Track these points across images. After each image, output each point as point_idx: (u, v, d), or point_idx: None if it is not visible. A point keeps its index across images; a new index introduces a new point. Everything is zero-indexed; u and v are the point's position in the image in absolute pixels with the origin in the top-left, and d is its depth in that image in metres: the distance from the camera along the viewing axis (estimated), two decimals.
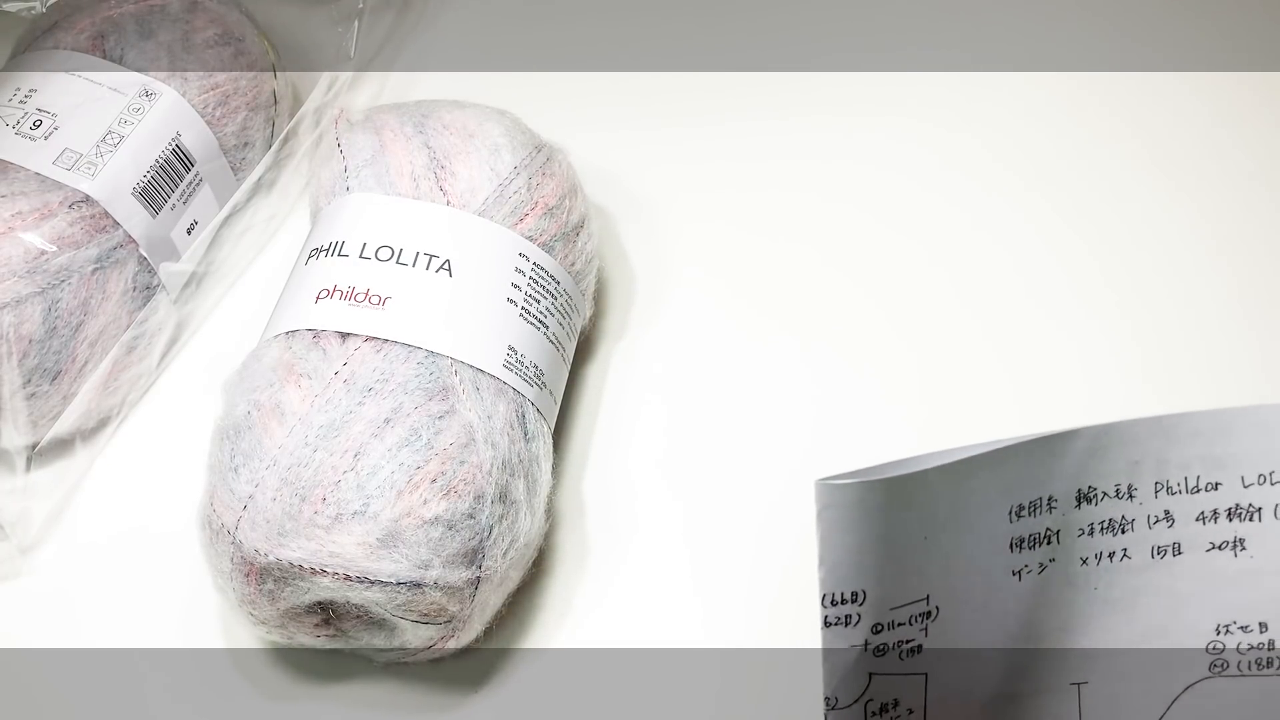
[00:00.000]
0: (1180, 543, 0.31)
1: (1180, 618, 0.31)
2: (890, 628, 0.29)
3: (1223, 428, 0.30)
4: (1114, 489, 0.30)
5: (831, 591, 0.29)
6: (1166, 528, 0.30)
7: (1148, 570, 0.31)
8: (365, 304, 0.39)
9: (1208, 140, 0.51)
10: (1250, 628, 0.31)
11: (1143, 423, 0.29)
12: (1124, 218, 0.49)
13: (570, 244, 0.43)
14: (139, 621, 0.41)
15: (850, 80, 0.54)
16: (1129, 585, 0.31)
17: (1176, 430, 0.30)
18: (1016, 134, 0.52)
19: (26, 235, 0.42)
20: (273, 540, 0.35)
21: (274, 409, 0.37)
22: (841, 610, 0.29)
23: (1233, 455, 0.30)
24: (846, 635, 0.29)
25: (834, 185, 0.51)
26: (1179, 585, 0.31)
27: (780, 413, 0.45)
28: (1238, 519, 0.30)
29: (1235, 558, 0.31)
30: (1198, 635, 0.31)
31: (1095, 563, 0.31)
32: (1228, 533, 0.30)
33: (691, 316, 0.47)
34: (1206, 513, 0.30)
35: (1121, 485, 0.30)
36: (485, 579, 0.37)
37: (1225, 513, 0.30)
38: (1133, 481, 0.30)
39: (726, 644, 0.40)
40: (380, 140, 0.43)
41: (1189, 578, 0.31)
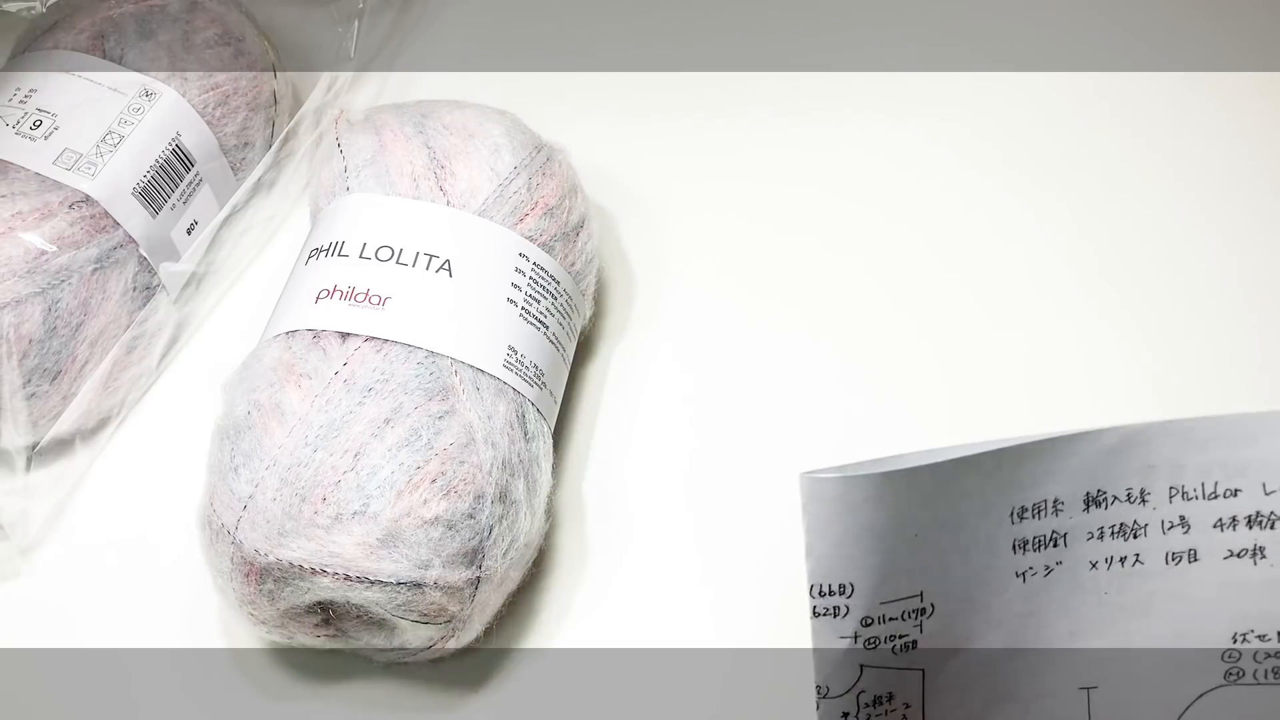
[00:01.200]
0: (1196, 549, 0.30)
1: (1196, 625, 0.31)
2: (881, 621, 0.29)
3: (1244, 433, 0.29)
4: (1125, 493, 0.30)
5: (819, 583, 0.29)
6: (1182, 534, 0.30)
7: (1161, 576, 0.31)
8: (365, 304, 0.39)
9: (1219, 142, 0.51)
10: (1269, 637, 0.31)
11: (1158, 426, 0.29)
12: (1134, 219, 0.49)
13: (570, 244, 0.43)
14: (139, 622, 0.41)
15: (850, 80, 0.54)
16: (1141, 591, 0.31)
17: (1194, 435, 0.29)
18: (1014, 131, 0.52)
19: (26, 235, 0.42)
20: (273, 540, 0.35)
21: (274, 409, 0.37)
22: (829, 601, 0.29)
23: (1254, 461, 0.29)
24: (835, 627, 0.29)
25: (834, 184, 0.51)
26: (1194, 592, 0.31)
27: (781, 411, 0.45)
28: (1258, 526, 0.30)
29: (1255, 566, 0.30)
30: (1213, 642, 0.31)
31: (1105, 567, 0.30)
32: (1247, 540, 0.30)
33: (691, 316, 0.47)
34: (1225, 520, 0.30)
35: (1134, 489, 0.30)
36: (485, 579, 0.37)
37: (1245, 520, 0.30)
38: (1145, 486, 0.30)
39: (726, 644, 0.40)
40: (380, 140, 0.43)
41: (1205, 585, 0.31)
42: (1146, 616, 0.31)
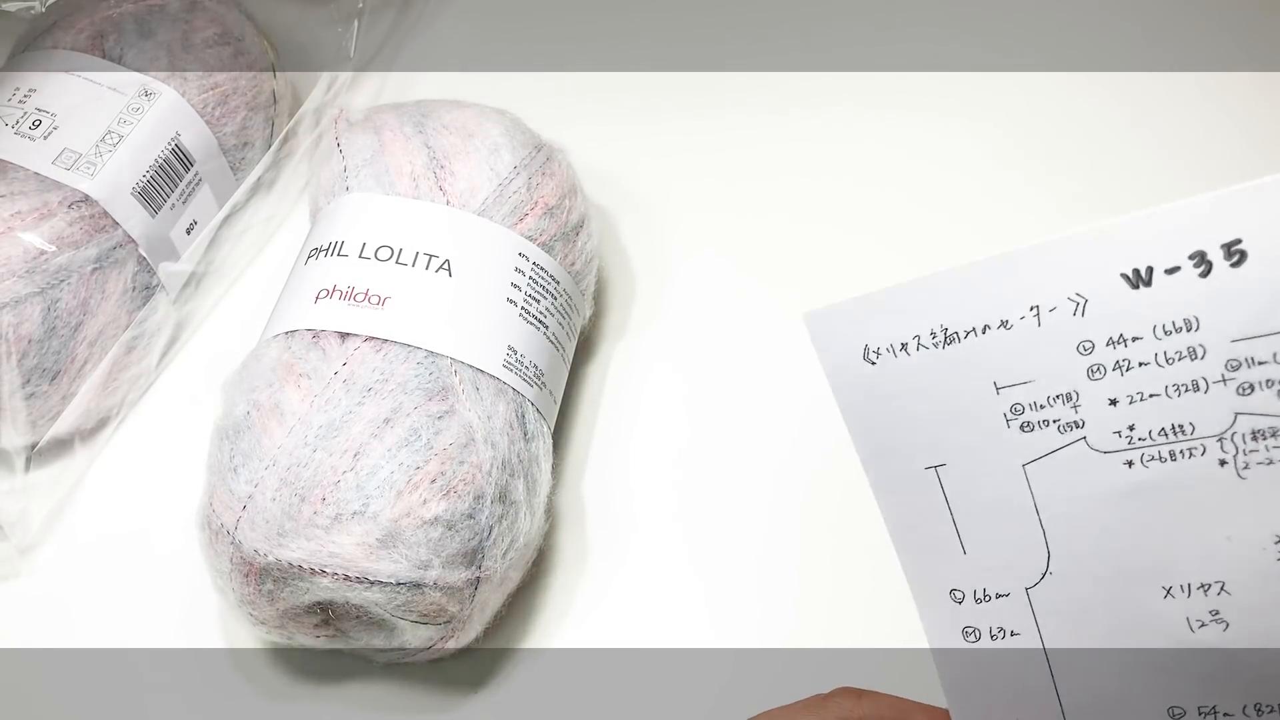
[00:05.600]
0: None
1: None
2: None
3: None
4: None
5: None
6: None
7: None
8: (365, 304, 0.39)
9: (1238, 140, 0.51)
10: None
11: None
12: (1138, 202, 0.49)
13: (570, 244, 0.43)
14: (139, 621, 0.41)
15: (850, 79, 0.54)
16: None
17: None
18: (1017, 127, 0.52)
19: (26, 235, 0.42)
20: (272, 540, 0.35)
21: (273, 409, 0.37)
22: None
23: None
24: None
25: (835, 183, 0.51)
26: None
27: (782, 411, 0.45)
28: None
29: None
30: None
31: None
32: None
33: (691, 316, 0.47)
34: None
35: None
36: (485, 579, 0.37)
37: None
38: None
39: (726, 644, 0.40)
40: (380, 140, 0.43)
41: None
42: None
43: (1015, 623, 0.29)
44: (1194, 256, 0.26)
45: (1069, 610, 0.28)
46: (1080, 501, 0.28)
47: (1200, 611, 0.27)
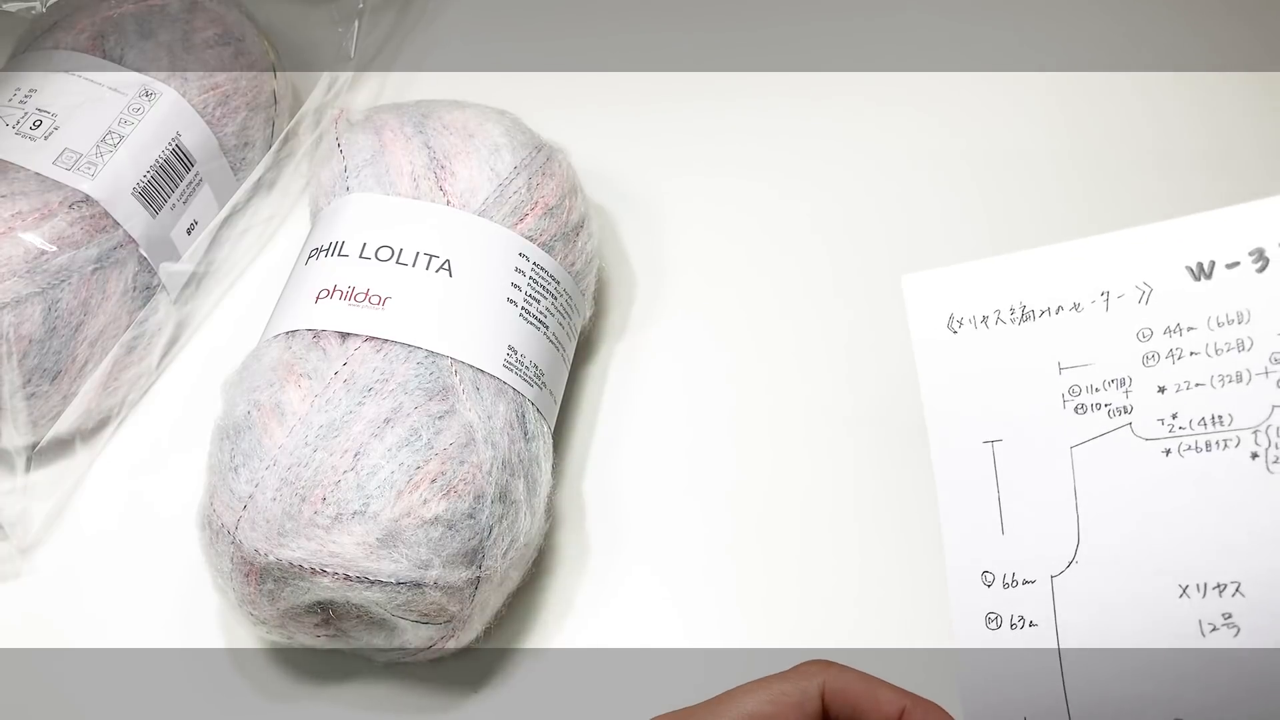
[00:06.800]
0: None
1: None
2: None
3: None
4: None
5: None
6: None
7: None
8: (365, 304, 0.39)
9: (1255, 139, 0.51)
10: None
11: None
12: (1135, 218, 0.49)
13: (570, 244, 0.43)
14: (139, 621, 0.41)
15: (850, 79, 0.54)
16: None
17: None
18: (1010, 129, 0.52)
19: (26, 235, 0.42)
20: (273, 540, 0.35)
21: (274, 409, 0.37)
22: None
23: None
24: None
25: (835, 183, 0.50)
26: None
27: (782, 410, 0.45)
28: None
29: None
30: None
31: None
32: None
33: (692, 315, 0.47)
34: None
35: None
36: (485, 579, 0.37)
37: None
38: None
39: (727, 644, 0.40)
40: (380, 140, 0.43)
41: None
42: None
43: (1036, 613, 0.30)
44: (1254, 253, 0.28)
45: (1087, 603, 0.29)
46: (1117, 489, 0.29)
47: (1213, 614, 0.28)
